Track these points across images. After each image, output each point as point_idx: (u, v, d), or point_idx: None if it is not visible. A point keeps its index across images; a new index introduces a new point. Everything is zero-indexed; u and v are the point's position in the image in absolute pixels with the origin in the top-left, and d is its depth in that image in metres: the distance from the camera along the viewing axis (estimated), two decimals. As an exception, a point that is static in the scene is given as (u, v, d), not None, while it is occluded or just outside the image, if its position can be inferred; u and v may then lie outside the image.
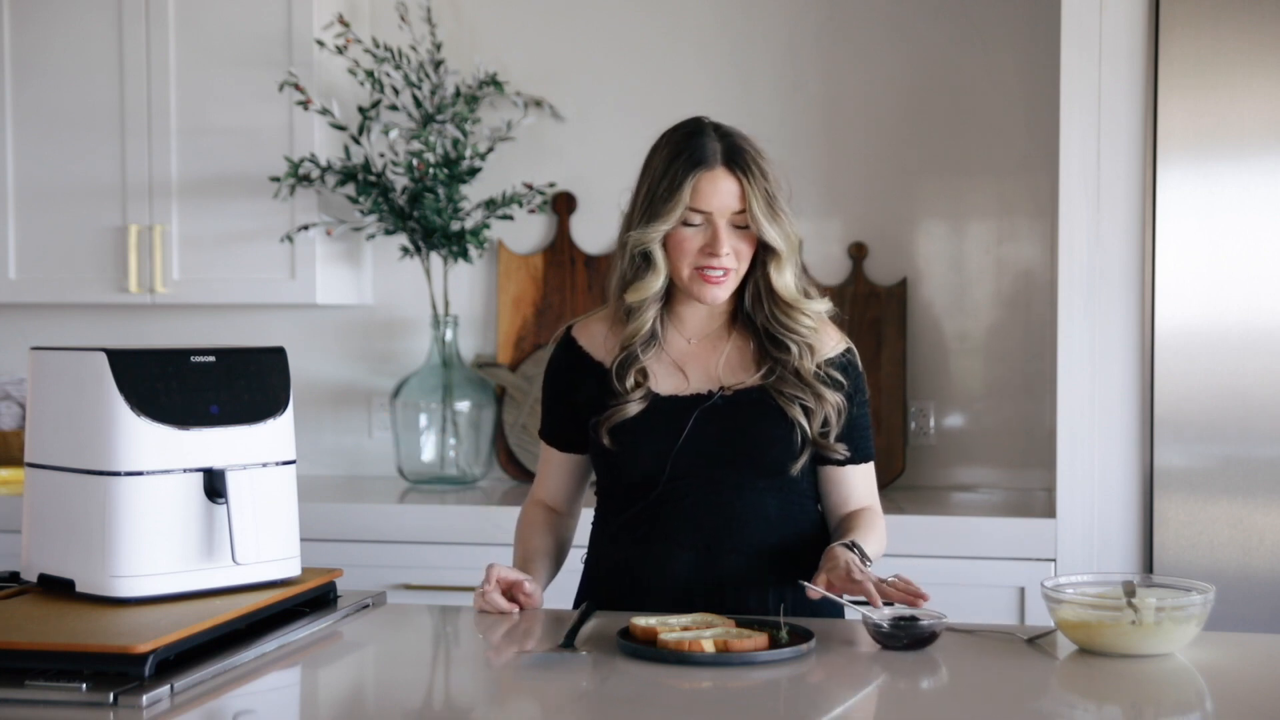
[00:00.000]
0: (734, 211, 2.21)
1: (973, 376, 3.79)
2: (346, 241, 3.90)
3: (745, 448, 2.25)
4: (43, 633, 1.84)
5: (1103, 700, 1.82)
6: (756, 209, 2.20)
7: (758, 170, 2.21)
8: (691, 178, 2.19)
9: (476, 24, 3.97)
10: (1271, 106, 3.05)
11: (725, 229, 2.21)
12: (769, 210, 2.21)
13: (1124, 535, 3.15)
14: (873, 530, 2.29)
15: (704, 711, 1.77)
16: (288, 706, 1.88)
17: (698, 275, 2.22)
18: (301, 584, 2.16)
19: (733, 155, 2.21)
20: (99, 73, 3.85)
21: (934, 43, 3.78)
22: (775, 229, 2.22)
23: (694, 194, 2.20)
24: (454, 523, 3.43)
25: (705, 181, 2.20)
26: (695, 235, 2.21)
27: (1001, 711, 1.77)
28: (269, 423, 2.15)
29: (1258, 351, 3.06)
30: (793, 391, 2.25)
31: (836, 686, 1.87)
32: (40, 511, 2.11)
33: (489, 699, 1.89)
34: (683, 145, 2.22)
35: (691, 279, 2.23)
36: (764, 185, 2.21)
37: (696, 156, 2.20)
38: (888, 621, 1.98)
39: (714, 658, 1.88)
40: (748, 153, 2.22)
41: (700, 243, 2.21)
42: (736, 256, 2.22)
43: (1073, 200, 3.17)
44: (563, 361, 2.37)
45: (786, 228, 2.23)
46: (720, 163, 2.20)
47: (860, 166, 3.82)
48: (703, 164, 2.20)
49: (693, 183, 2.19)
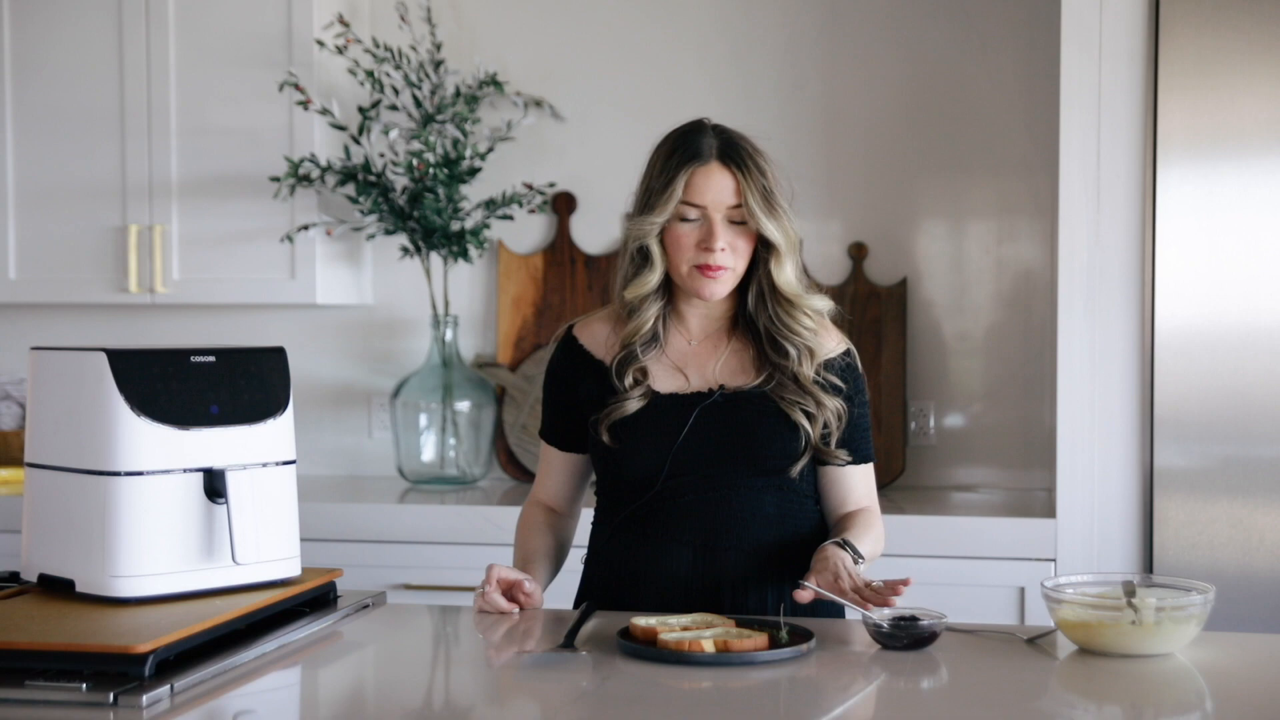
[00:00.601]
0: (729, 206, 2.21)
1: (973, 376, 3.79)
2: (346, 241, 3.91)
3: (745, 446, 2.25)
4: (43, 633, 1.84)
5: (1103, 700, 1.82)
6: (753, 203, 2.20)
7: (754, 165, 2.22)
8: (685, 172, 2.20)
9: (476, 24, 3.97)
10: (1271, 106, 3.05)
11: (721, 224, 2.21)
12: (766, 205, 2.21)
13: (1124, 535, 3.15)
14: (869, 530, 2.29)
15: (704, 711, 1.77)
16: (288, 706, 1.89)
17: (695, 271, 2.23)
18: (301, 584, 2.16)
19: (728, 150, 2.22)
20: (99, 73, 3.85)
21: (934, 43, 3.78)
22: (773, 223, 2.22)
23: (688, 188, 2.20)
24: (454, 523, 3.44)
25: (699, 176, 2.20)
26: (691, 230, 2.22)
27: (1001, 711, 1.77)
28: (269, 423, 2.15)
29: (1258, 351, 3.07)
30: (793, 397, 2.26)
31: (836, 686, 1.87)
32: (40, 511, 2.11)
33: (489, 699, 1.89)
34: (679, 142, 2.24)
35: (690, 275, 2.23)
36: (760, 180, 2.21)
37: (691, 151, 2.21)
38: (888, 621, 1.98)
39: (714, 658, 1.88)
40: (744, 149, 2.23)
41: (697, 238, 2.22)
42: (733, 252, 2.22)
43: (1073, 200, 3.17)
44: (563, 360, 2.37)
45: (785, 223, 2.23)
46: (715, 157, 2.22)
47: (860, 166, 3.82)
48: (697, 158, 2.21)
49: (686, 176, 2.20)
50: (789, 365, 2.26)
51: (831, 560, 2.13)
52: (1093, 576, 2.10)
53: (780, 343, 2.27)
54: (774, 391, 2.26)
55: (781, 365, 2.27)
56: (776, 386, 2.26)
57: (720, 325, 2.32)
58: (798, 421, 2.25)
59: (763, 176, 2.22)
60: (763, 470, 2.26)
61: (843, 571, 2.10)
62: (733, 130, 2.27)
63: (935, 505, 3.48)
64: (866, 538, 2.26)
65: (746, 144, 2.25)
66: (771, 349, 2.28)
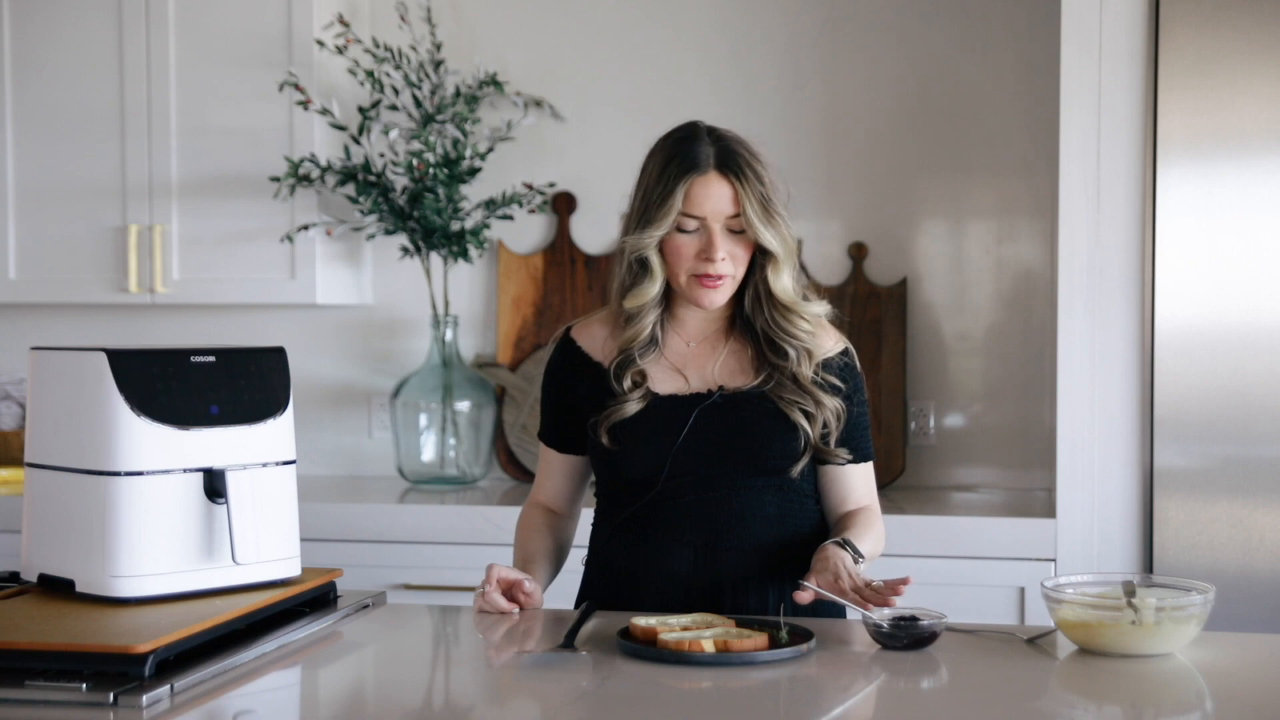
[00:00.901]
0: (728, 216, 2.20)
1: (973, 376, 3.80)
2: (346, 241, 3.91)
3: (746, 446, 2.25)
4: (43, 633, 1.85)
5: (1103, 700, 1.82)
6: (751, 213, 2.19)
7: (752, 174, 2.20)
8: (684, 183, 2.19)
9: (476, 24, 3.98)
10: (1271, 107, 3.06)
11: (720, 234, 2.21)
12: (764, 214, 2.20)
13: (1124, 535, 3.16)
14: (870, 529, 2.29)
15: (704, 711, 1.77)
16: (288, 706, 1.89)
17: (695, 281, 2.23)
18: (301, 584, 2.17)
19: (725, 159, 2.21)
20: (99, 73, 3.86)
21: (934, 43, 3.79)
22: (771, 232, 2.21)
23: (687, 199, 2.19)
24: (454, 523, 3.44)
25: (698, 186, 2.19)
26: (691, 241, 2.21)
27: (1001, 711, 1.77)
28: (269, 423, 2.16)
29: (1258, 351, 3.07)
30: (791, 396, 2.26)
31: (836, 686, 1.88)
32: (40, 511, 2.11)
33: (489, 699, 1.90)
34: (675, 150, 2.22)
35: (689, 284, 2.23)
36: (758, 189, 2.20)
37: (689, 162, 2.20)
38: (888, 621, 1.99)
39: (714, 658, 1.89)
40: (741, 156, 2.22)
41: (696, 248, 2.21)
42: (733, 261, 2.22)
43: (1073, 200, 3.18)
44: (562, 362, 2.37)
45: (783, 230, 2.23)
46: (713, 167, 2.20)
47: (860, 166, 3.83)
48: (695, 169, 2.20)
49: (685, 188, 2.19)
50: (788, 366, 2.27)
51: (832, 560, 2.13)
52: (1093, 576, 2.10)
53: (778, 344, 2.28)
54: (773, 391, 2.26)
55: (780, 366, 2.27)
56: (775, 386, 2.26)
57: (718, 326, 2.32)
58: (797, 421, 2.25)
59: (760, 184, 2.21)
60: (763, 470, 2.26)
61: (843, 572, 2.10)
62: (728, 134, 2.26)
63: (935, 505, 3.49)
64: (867, 537, 2.26)
65: (743, 149, 2.23)
66: (770, 350, 2.28)
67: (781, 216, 2.23)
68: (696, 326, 2.32)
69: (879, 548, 2.32)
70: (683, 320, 2.32)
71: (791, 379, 2.27)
